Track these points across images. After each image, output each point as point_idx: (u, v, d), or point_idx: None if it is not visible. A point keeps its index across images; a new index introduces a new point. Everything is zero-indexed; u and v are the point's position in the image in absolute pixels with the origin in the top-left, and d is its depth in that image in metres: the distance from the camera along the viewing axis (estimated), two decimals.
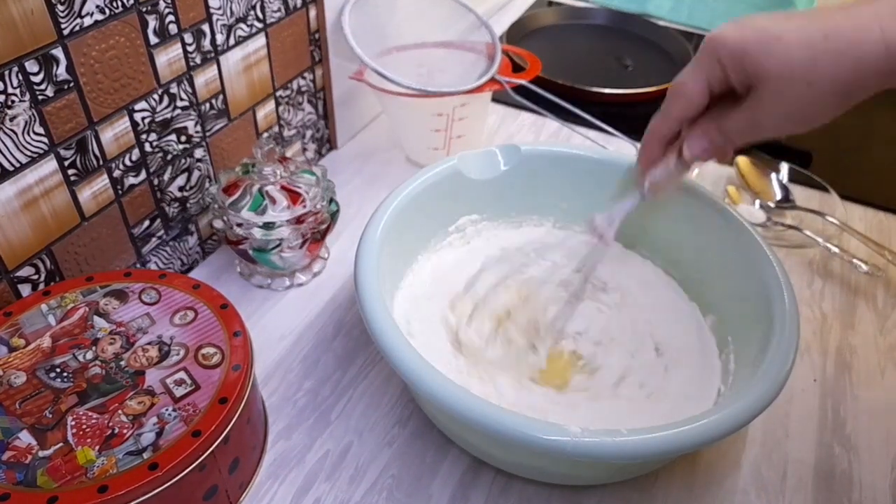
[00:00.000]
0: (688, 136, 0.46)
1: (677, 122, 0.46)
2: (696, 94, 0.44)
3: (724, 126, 0.44)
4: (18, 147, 0.44)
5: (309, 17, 0.66)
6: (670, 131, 0.47)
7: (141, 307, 0.46)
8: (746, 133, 0.43)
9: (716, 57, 0.42)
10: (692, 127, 0.45)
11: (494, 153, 0.59)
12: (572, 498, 0.46)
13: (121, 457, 0.37)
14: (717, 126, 0.44)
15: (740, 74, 0.41)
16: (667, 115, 0.46)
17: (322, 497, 0.46)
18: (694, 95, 0.44)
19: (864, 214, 0.72)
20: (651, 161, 0.49)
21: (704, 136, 0.45)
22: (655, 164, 0.48)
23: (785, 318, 0.44)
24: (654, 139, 0.48)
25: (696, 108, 0.44)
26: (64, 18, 0.44)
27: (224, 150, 0.61)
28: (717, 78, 0.42)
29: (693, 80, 0.44)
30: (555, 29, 1.06)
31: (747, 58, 0.40)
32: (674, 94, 0.45)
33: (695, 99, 0.44)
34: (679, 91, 0.45)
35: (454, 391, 0.39)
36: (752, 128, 0.43)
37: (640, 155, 0.49)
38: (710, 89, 0.43)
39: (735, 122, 0.43)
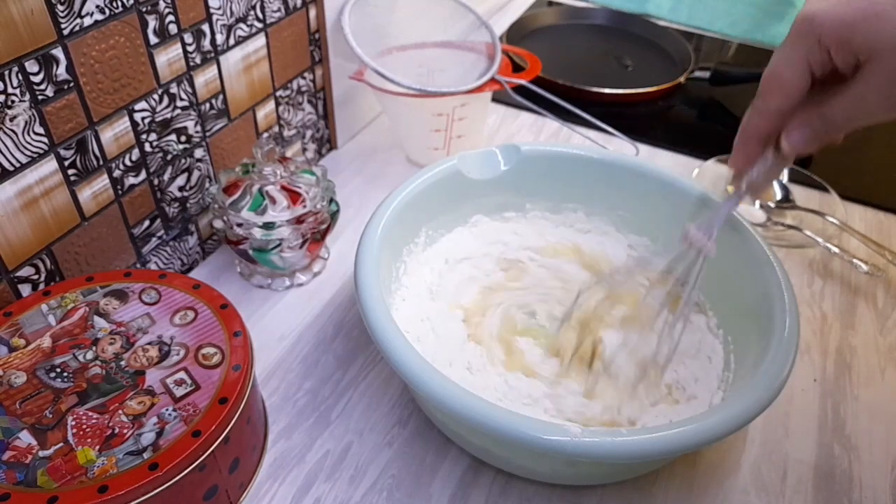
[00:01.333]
0: (787, 127, 0.41)
1: (777, 115, 0.41)
2: (796, 81, 0.39)
3: (827, 112, 0.39)
4: (18, 147, 0.44)
5: (309, 17, 0.66)
6: (770, 127, 0.42)
7: (141, 307, 0.46)
8: (854, 117, 0.39)
9: (815, 37, 0.37)
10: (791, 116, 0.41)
11: (494, 153, 0.59)
12: (572, 498, 0.46)
13: (121, 457, 0.37)
14: (820, 113, 0.40)
15: (847, 53, 0.37)
16: (764, 110, 0.42)
17: (322, 497, 0.46)
18: (794, 84, 0.39)
19: (864, 214, 0.72)
20: (750, 161, 0.44)
21: (806, 126, 0.40)
22: (754, 163, 0.44)
23: (785, 318, 0.44)
24: (752, 137, 0.43)
25: (797, 97, 0.40)
26: (64, 18, 0.44)
27: (224, 150, 0.61)
28: (818, 61, 0.38)
29: (791, 67, 0.39)
30: (555, 29, 1.06)
31: (856, 35, 0.36)
32: (770, 85, 0.41)
33: (795, 87, 0.40)
34: (776, 81, 0.40)
35: (454, 391, 0.39)
36: (861, 111, 0.38)
37: (736, 155, 0.45)
38: (811, 73, 0.39)
39: (841, 107, 0.39)
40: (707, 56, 1.02)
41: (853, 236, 0.66)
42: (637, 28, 1.06)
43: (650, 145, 0.81)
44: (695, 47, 1.00)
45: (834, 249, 0.65)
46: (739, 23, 1.07)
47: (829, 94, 0.39)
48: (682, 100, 0.91)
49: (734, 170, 0.46)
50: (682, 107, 0.90)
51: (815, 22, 0.38)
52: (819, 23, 0.37)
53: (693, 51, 0.97)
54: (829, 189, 0.72)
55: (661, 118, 0.88)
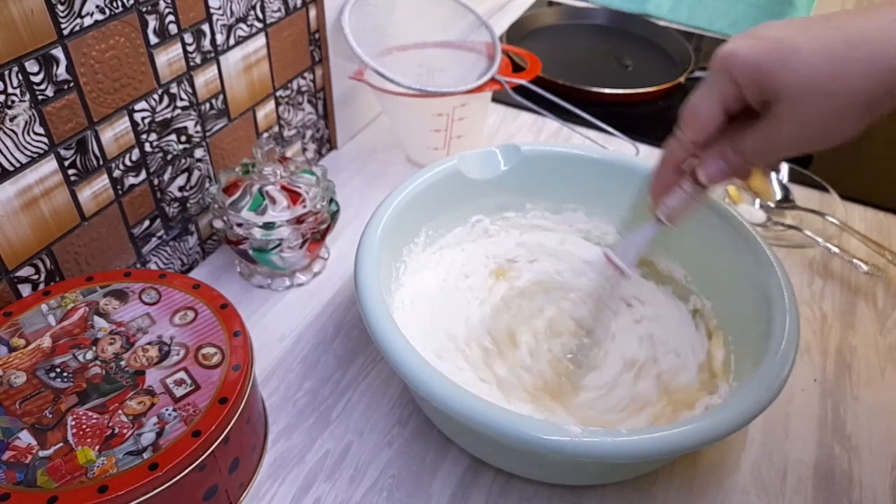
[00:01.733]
0: (702, 158, 0.43)
1: (693, 146, 0.43)
2: (710, 116, 0.41)
3: (740, 146, 0.41)
4: (18, 147, 0.44)
5: (309, 17, 0.66)
6: (684, 157, 0.44)
7: (141, 307, 0.46)
8: (765, 153, 0.40)
9: (728, 74, 0.39)
10: (707, 148, 0.42)
11: (494, 153, 0.59)
12: (572, 498, 0.46)
13: (121, 457, 0.37)
14: (734, 146, 0.41)
15: (756, 91, 0.38)
16: (680, 140, 0.43)
17: (322, 497, 0.46)
18: (709, 118, 0.41)
19: (864, 214, 0.72)
20: (665, 188, 0.46)
21: (720, 158, 0.42)
22: (669, 191, 0.45)
23: (785, 318, 0.44)
24: (667, 166, 0.45)
25: (710, 131, 0.41)
26: (64, 18, 0.44)
27: (224, 150, 0.61)
28: (731, 96, 0.40)
29: (706, 102, 0.41)
30: (555, 29, 1.06)
31: (762, 73, 0.37)
32: (686, 118, 0.42)
33: (710, 122, 0.41)
34: (692, 114, 0.42)
35: (454, 391, 0.39)
36: (771, 147, 0.40)
37: (653, 182, 0.46)
38: (725, 109, 0.40)
39: (752, 142, 0.40)
40: (707, 56, 1.01)
41: (853, 236, 0.66)
42: (637, 28, 1.06)
43: (650, 145, 0.81)
44: (695, 47, 1.00)
45: (834, 249, 0.65)
46: (739, 23, 1.07)
47: (744, 129, 0.40)
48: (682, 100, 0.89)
49: (652, 197, 0.47)
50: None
51: (729, 58, 0.39)
52: (731, 61, 0.38)
53: (693, 51, 0.97)
54: (829, 189, 0.72)
55: (661, 118, 0.88)
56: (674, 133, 0.44)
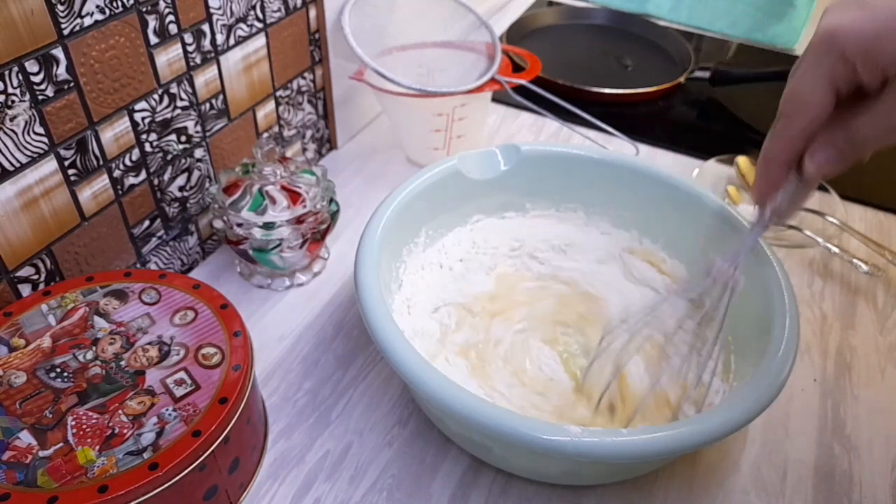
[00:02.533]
0: (811, 149, 0.39)
1: (801, 138, 0.39)
2: (820, 101, 0.37)
3: (854, 131, 0.37)
4: (18, 147, 0.44)
5: (309, 17, 0.66)
6: (794, 150, 0.39)
7: (141, 307, 0.46)
8: (883, 135, 0.36)
9: (839, 53, 0.35)
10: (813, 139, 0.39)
11: (494, 153, 0.59)
12: (572, 498, 0.46)
13: (121, 457, 0.37)
14: (845, 132, 0.37)
15: (874, 68, 0.34)
16: (787, 133, 0.39)
17: (322, 497, 0.46)
18: (817, 104, 0.37)
19: (864, 214, 0.72)
20: (774, 186, 0.42)
21: (830, 146, 0.38)
22: (778, 188, 0.42)
23: (785, 318, 0.44)
24: (775, 162, 0.41)
25: (822, 118, 0.37)
26: (64, 18, 0.44)
27: (224, 150, 0.61)
28: (843, 78, 0.36)
29: (814, 86, 0.37)
30: (555, 29, 1.06)
31: (882, 49, 0.34)
32: (791, 107, 0.38)
33: (819, 108, 0.37)
34: (798, 102, 0.38)
35: (454, 391, 0.39)
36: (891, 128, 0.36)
37: (759, 181, 0.42)
38: (836, 92, 0.36)
39: (870, 126, 0.36)
40: (707, 56, 1.02)
41: (853, 236, 0.66)
42: (637, 28, 1.06)
43: (650, 145, 0.81)
44: (695, 47, 1.00)
45: (834, 249, 0.65)
46: (739, 23, 1.07)
47: (855, 112, 0.36)
48: (682, 100, 0.91)
49: (757, 197, 0.43)
50: (682, 107, 0.90)
51: (837, 37, 0.35)
52: (842, 37, 0.35)
53: (693, 51, 0.97)
54: (829, 189, 0.72)
55: (661, 118, 0.88)
56: (773, 128, 0.40)
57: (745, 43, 1.06)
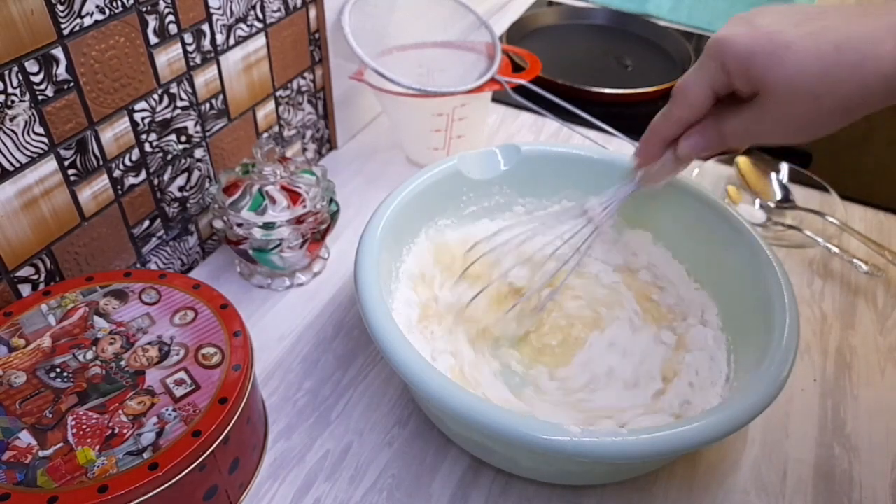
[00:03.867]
0: (686, 134, 0.45)
1: (679, 124, 0.45)
2: (700, 98, 0.43)
3: (722, 128, 0.43)
4: (18, 147, 0.44)
5: (309, 17, 0.66)
6: (672, 133, 0.46)
7: (141, 307, 0.46)
8: (745, 138, 0.43)
9: (720, 61, 0.40)
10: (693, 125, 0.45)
11: (494, 153, 0.59)
12: (572, 498, 0.46)
13: (121, 457, 0.37)
14: (716, 127, 0.43)
15: (745, 81, 0.40)
16: (669, 118, 0.46)
17: (322, 497, 0.46)
18: (697, 100, 0.43)
19: (864, 214, 0.72)
20: (652, 158, 0.49)
21: (701, 136, 0.44)
22: (655, 160, 0.49)
23: (785, 318, 0.44)
24: (655, 139, 0.48)
25: (698, 112, 0.44)
26: (64, 18, 0.44)
27: (224, 150, 0.61)
28: (720, 82, 0.41)
29: (697, 85, 0.43)
30: (555, 29, 1.06)
31: (754, 66, 0.39)
32: (677, 97, 0.45)
33: (698, 103, 0.43)
34: (682, 94, 0.44)
35: (454, 391, 0.39)
36: (752, 134, 0.42)
37: (639, 151, 0.49)
38: (714, 93, 0.42)
39: (735, 127, 0.42)
40: None
41: (853, 236, 0.66)
42: (637, 28, 1.05)
43: None
44: (695, 47, 1.00)
45: (834, 249, 0.65)
46: None
47: (730, 111, 0.42)
48: None
49: (637, 161, 0.50)
50: None
51: (723, 47, 0.40)
52: (725, 48, 0.40)
53: (693, 51, 0.97)
54: (829, 189, 0.72)
55: None
56: (663, 109, 0.46)
57: None
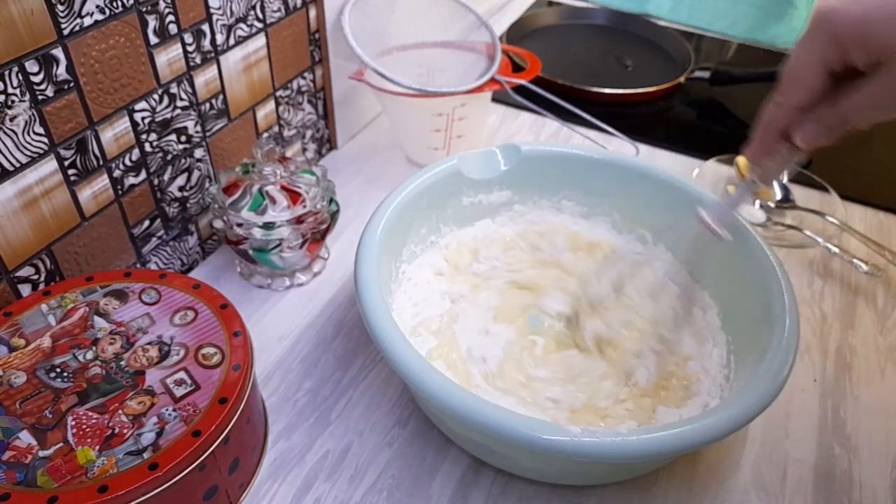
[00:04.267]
0: (800, 121, 0.41)
1: (795, 111, 0.41)
2: (814, 79, 0.39)
3: (843, 108, 0.39)
4: (18, 147, 0.44)
5: (309, 17, 0.66)
6: (788, 121, 0.42)
7: (141, 307, 0.46)
8: (871, 114, 0.39)
9: (833, 36, 0.37)
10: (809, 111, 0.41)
11: (494, 153, 0.59)
12: (572, 498, 0.46)
13: (121, 457, 0.37)
14: (834, 108, 0.39)
15: (866, 52, 0.36)
16: (782, 106, 0.42)
17: (322, 497, 0.46)
18: (811, 81, 0.39)
19: (864, 214, 0.72)
20: (768, 153, 0.44)
21: (819, 121, 0.40)
22: (771, 154, 0.44)
23: (785, 318, 0.44)
24: (769, 131, 0.43)
25: (815, 94, 0.40)
26: (64, 18, 0.44)
27: (224, 150, 0.61)
28: (835, 59, 0.38)
29: (808, 65, 0.39)
30: (555, 29, 1.06)
31: (874, 33, 0.35)
32: (789, 82, 0.41)
33: (813, 85, 0.39)
34: (794, 77, 0.40)
35: (454, 392, 0.39)
36: (880, 108, 0.38)
37: (755, 146, 0.45)
38: (829, 72, 0.39)
39: (858, 104, 0.38)
40: (707, 56, 1.02)
41: (853, 236, 0.66)
42: (637, 28, 1.06)
43: (650, 145, 0.81)
44: (695, 47, 1.00)
45: (834, 249, 0.65)
46: (739, 23, 1.07)
47: (848, 89, 0.38)
48: (682, 100, 0.91)
49: (753, 158, 0.46)
50: (682, 107, 0.90)
51: (830, 19, 0.37)
52: (835, 20, 0.37)
53: (693, 51, 0.97)
54: (829, 189, 0.72)
55: (661, 118, 0.88)
56: (773, 98, 0.42)
57: (745, 43, 1.06)
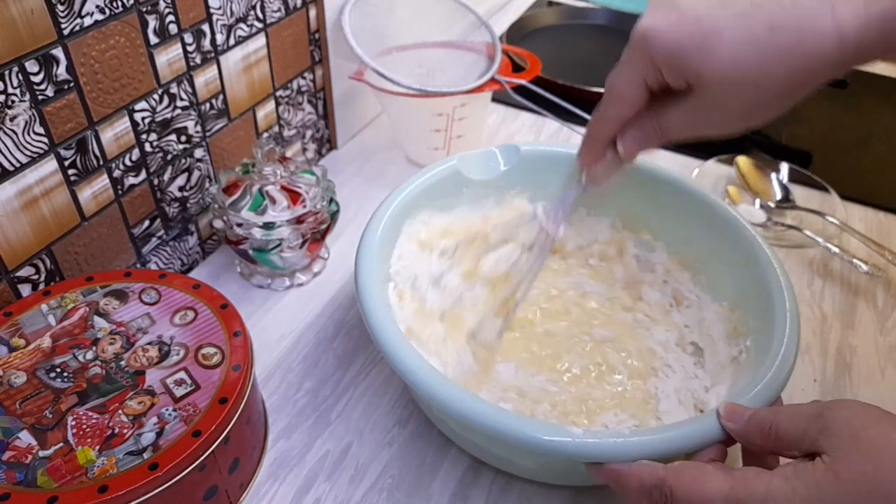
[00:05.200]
0: (623, 132, 0.43)
1: (616, 123, 0.43)
2: (633, 95, 0.40)
3: (662, 122, 0.40)
4: (18, 147, 0.44)
5: (309, 17, 0.66)
6: (610, 132, 0.44)
7: (141, 307, 0.46)
8: (686, 131, 0.40)
9: (648, 56, 0.38)
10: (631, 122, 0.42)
11: (494, 153, 0.59)
12: (572, 498, 0.46)
13: (121, 457, 0.37)
14: (655, 121, 0.41)
15: (677, 76, 0.37)
16: (605, 117, 0.43)
17: (322, 497, 0.46)
18: (631, 97, 0.40)
19: (864, 214, 0.72)
20: (592, 161, 0.46)
21: (640, 132, 0.42)
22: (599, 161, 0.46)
23: (785, 318, 0.44)
24: (595, 141, 0.45)
25: (633, 109, 0.41)
26: (64, 18, 0.44)
27: (224, 150, 0.61)
28: (652, 78, 0.39)
29: (628, 82, 0.40)
30: (555, 29, 1.06)
31: (684, 60, 0.36)
32: (609, 96, 0.42)
33: (633, 100, 0.41)
34: (614, 92, 0.41)
35: (454, 392, 0.39)
36: (693, 127, 0.40)
37: (581, 154, 0.47)
38: (648, 88, 0.40)
39: (674, 121, 0.40)
40: None
41: (853, 236, 0.66)
42: None
43: None
44: None
45: (834, 249, 0.65)
46: None
47: (669, 104, 0.40)
48: None
49: (581, 166, 0.48)
50: None
51: (648, 40, 0.38)
52: (652, 42, 0.37)
53: None
54: (829, 189, 0.72)
55: None
56: (597, 110, 0.44)
57: None
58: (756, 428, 0.36)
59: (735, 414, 0.37)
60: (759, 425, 0.36)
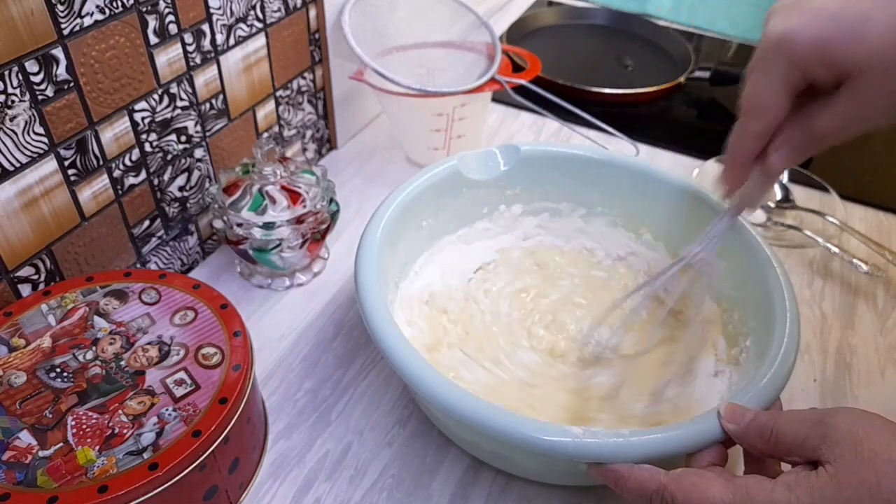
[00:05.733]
0: (772, 145, 0.40)
1: (762, 138, 0.40)
2: (778, 104, 0.38)
3: (813, 128, 0.38)
4: (18, 147, 0.44)
5: (309, 17, 0.66)
6: (755, 149, 0.41)
7: (141, 307, 0.46)
8: (843, 131, 0.38)
9: (790, 58, 0.36)
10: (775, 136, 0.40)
11: (494, 153, 0.59)
12: (572, 498, 0.46)
13: (121, 457, 0.37)
14: (804, 129, 0.39)
15: (826, 71, 0.36)
16: (747, 134, 0.41)
17: (322, 497, 0.46)
18: (774, 107, 0.38)
19: (864, 214, 0.72)
20: (740, 181, 0.44)
21: (788, 144, 0.40)
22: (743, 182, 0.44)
23: (785, 318, 0.44)
24: (738, 161, 0.42)
25: (778, 119, 0.39)
26: (64, 18, 0.44)
27: (224, 150, 0.61)
28: (796, 81, 0.37)
29: (770, 90, 0.38)
30: (555, 29, 1.06)
31: (833, 51, 0.35)
32: (751, 109, 0.40)
33: (775, 110, 0.39)
34: (756, 104, 0.39)
35: (454, 392, 0.39)
36: (851, 124, 0.37)
37: (724, 177, 0.44)
38: (791, 93, 0.38)
39: (829, 123, 0.38)
40: (707, 56, 1.02)
41: (853, 236, 0.66)
42: (637, 28, 1.06)
43: (650, 145, 0.81)
44: (695, 47, 1.00)
45: (834, 249, 0.65)
46: (739, 23, 1.07)
47: (814, 109, 0.38)
48: (682, 100, 0.91)
49: (725, 191, 0.45)
50: (682, 107, 0.90)
51: (788, 42, 0.36)
52: (793, 43, 0.36)
53: (693, 51, 0.97)
54: (829, 189, 0.72)
55: (661, 118, 0.88)
56: (737, 126, 0.41)
57: (745, 43, 1.06)
58: (756, 432, 0.36)
59: (735, 415, 0.37)
60: (759, 430, 0.36)
